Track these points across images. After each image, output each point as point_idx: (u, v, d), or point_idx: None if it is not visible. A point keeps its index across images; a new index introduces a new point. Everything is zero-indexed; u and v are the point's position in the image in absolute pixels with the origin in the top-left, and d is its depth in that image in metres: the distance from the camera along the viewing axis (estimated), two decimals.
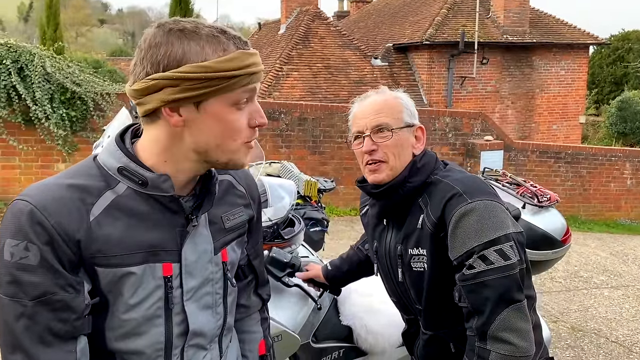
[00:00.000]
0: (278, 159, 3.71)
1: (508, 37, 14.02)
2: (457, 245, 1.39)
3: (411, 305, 1.61)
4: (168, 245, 1.01)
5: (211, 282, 1.09)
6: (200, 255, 1.06)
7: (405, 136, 1.53)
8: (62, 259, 0.92)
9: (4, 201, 6.64)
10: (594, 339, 4.16)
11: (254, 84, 0.98)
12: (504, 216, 1.41)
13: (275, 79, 12.72)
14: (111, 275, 0.96)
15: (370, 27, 17.48)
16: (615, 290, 5.41)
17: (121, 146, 1.01)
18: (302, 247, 2.28)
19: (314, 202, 3.23)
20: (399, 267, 1.55)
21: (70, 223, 0.92)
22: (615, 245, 7.54)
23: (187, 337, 1.05)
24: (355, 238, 6.46)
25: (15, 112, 6.38)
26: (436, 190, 1.47)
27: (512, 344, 1.33)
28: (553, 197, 2.32)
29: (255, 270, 1.28)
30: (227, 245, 1.13)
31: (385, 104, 1.53)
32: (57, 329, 0.92)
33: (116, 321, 0.99)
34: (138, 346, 1.01)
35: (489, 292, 1.34)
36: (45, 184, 0.96)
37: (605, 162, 9.57)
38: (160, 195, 0.99)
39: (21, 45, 6.46)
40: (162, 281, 1.00)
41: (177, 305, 1.03)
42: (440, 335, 1.56)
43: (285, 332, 1.84)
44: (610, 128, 19.39)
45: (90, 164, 1.01)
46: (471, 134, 8.73)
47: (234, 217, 1.15)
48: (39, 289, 0.90)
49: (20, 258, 0.89)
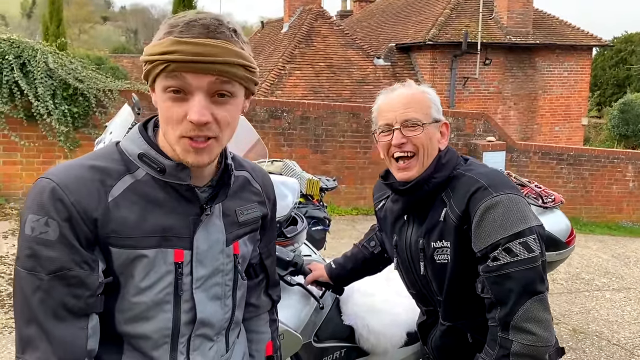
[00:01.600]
0: (280, 158, 3.70)
1: (511, 38, 13.99)
2: (482, 237, 1.41)
3: (432, 296, 1.63)
4: (181, 232, 1.03)
5: (221, 273, 1.11)
6: (212, 244, 1.08)
7: (433, 131, 1.54)
8: (80, 235, 0.95)
9: (5, 197, 6.63)
10: (596, 342, 4.15)
11: (180, 72, 0.94)
12: (527, 209, 1.44)
13: (277, 77, 12.71)
14: (124, 256, 0.99)
15: (373, 26, 17.46)
16: (616, 292, 5.40)
17: (143, 134, 1.05)
18: (304, 246, 2.27)
19: (315, 200, 3.22)
20: (421, 260, 1.56)
21: (89, 202, 0.95)
22: (617, 247, 7.52)
23: (194, 325, 1.07)
24: (356, 237, 6.45)
25: (17, 108, 6.37)
26: (459, 183, 1.49)
27: (535, 334, 1.35)
28: (557, 198, 2.31)
29: (267, 270, 1.29)
30: (240, 239, 1.15)
31: (414, 98, 1.53)
32: (71, 305, 0.94)
33: (126, 304, 1.01)
34: (146, 330, 1.02)
35: (512, 283, 1.37)
36: (70, 164, 1.00)
37: (608, 164, 9.55)
38: (176, 183, 1.02)
39: (24, 41, 6.45)
40: (172, 267, 1.02)
41: (186, 292, 1.04)
42: (459, 326, 1.58)
43: (287, 331, 1.82)
44: (612, 130, 19.36)
45: (113, 149, 1.05)
46: (473, 134, 8.71)
47: (248, 212, 1.17)
48: (55, 264, 0.93)
49: (40, 233, 0.92)
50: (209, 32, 0.94)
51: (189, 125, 0.96)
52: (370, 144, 8.15)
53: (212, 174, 1.09)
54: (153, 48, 0.96)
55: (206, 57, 0.93)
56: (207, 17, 0.96)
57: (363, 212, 8.10)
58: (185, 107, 0.96)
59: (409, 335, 2.03)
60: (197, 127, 0.96)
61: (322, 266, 1.99)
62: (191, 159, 0.99)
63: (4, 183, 6.70)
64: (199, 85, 0.95)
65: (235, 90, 1.00)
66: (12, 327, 3.54)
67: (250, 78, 1.01)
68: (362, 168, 8.21)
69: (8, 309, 3.79)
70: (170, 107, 0.97)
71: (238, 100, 1.02)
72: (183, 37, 0.94)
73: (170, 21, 0.97)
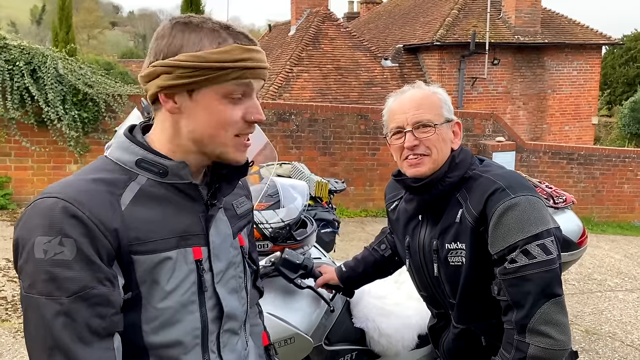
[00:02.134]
0: (289, 160, 3.71)
1: (519, 38, 13.91)
2: (499, 239, 1.39)
3: (444, 299, 1.61)
4: (195, 229, 1.04)
5: (234, 265, 1.13)
6: (223, 238, 1.10)
7: (445, 131, 1.53)
8: (100, 250, 0.91)
9: (16, 202, 6.70)
10: (609, 343, 4.11)
11: (249, 79, 1.00)
12: (545, 211, 1.43)
13: (285, 80, 12.73)
14: (148, 262, 0.97)
15: (380, 28, 17.45)
16: (630, 293, 5.34)
17: (135, 140, 1.04)
18: (314, 249, 2.27)
19: (324, 203, 3.22)
20: (434, 261, 1.55)
21: (105, 213, 0.92)
22: (629, 247, 7.44)
23: (222, 321, 1.08)
24: (365, 239, 6.45)
25: (28, 114, 6.43)
26: (476, 184, 1.48)
27: (552, 337, 1.34)
28: (569, 199, 2.29)
29: (256, 263, 1.32)
30: (241, 231, 1.19)
31: (424, 99, 1.53)
32: (96, 326, 0.90)
33: (152, 312, 0.98)
34: (175, 336, 1.01)
35: (530, 286, 1.36)
36: (70, 180, 0.96)
37: (619, 163, 9.47)
38: (179, 182, 1.03)
39: (34, 47, 6.51)
40: (194, 265, 1.02)
41: (209, 288, 1.05)
42: (472, 329, 1.57)
43: (298, 334, 1.82)
44: (622, 129, 19.20)
45: (105, 161, 1.03)
46: (482, 135, 8.68)
47: (242, 205, 1.21)
48: (76, 284, 0.88)
49: (55, 254, 0.87)
50: (253, 41, 1.02)
51: (245, 125, 1.02)
52: (379, 146, 8.14)
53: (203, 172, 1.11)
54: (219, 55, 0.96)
55: (264, 64, 1.02)
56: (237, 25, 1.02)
57: (372, 213, 8.09)
58: (241, 108, 1.01)
59: (420, 338, 2.02)
60: (252, 126, 1.03)
61: (332, 269, 1.98)
62: (240, 157, 1.05)
63: (15, 188, 6.76)
64: (257, 89, 1.03)
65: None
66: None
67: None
68: (370, 170, 8.20)
69: (21, 314, 3.83)
70: (230, 109, 1.00)
71: None
72: (248, 45, 1.00)
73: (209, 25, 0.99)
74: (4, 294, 4.13)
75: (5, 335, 3.53)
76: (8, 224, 6.02)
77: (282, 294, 1.93)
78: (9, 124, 6.43)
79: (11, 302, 4.01)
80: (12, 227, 5.88)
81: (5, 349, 3.38)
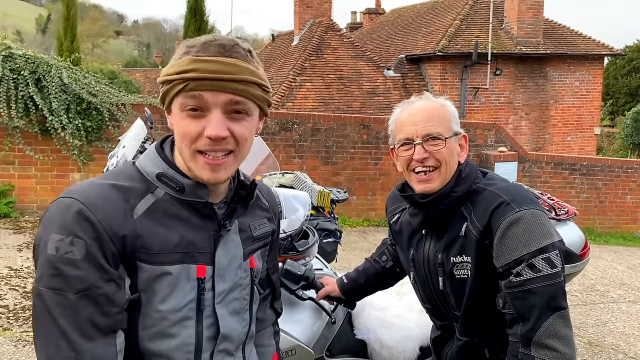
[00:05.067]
0: (291, 169, 3.71)
1: (522, 48, 13.96)
2: (505, 252, 1.40)
3: (448, 312, 1.62)
4: (203, 248, 1.05)
5: (240, 287, 1.12)
6: (231, 260, 1.10)
7: (454, 145, 1.53)
8: (107, 254, 0.94)
9: (19, 210, 6.71)
10: (612, 355, 4.08)
11: (197, 91, 0.96)
12: (549, 225, 1.43)
13: (288, 89, 12.78)
14: (150, 271, 0.99)
15: (383, 38, 17.53)
16: (633, 304, 5.31)
17: (161, 153, 1.06)
18: (315, 260, 2.27)
19: (326, 212, 3.22)
20: (439, 275, 1.55)
21: (116, 220, 0.96)
22: (632, 258, 7.41)
23: (216, 341, 1.08)
24: (367, 249, 6.44)
25: (32, 122, 6.46)
26: (481, 198, 1.48)
27: (557, 351, 1.34)
28: (571, 211, 2.29)
29: (274, 284, 1.31)
30: (254, 253, 1.18)
31: (435, 112, 1.52)
32: (99, 322, 0.94)
33: (149, 320, 1.01)
34: (168, 347, 1.02)
35: (536, 299, 1.36)
36: (91, 183, 1.00)
37: (622, 173, 9.45)
38: (195, 201, 1.04)
39: (39, 56, 6.56)
40: (195, 282, 1.03)
41: (208, 307, 1.06)
42: (476, 341, 1.57)
43: (299, 346, 1.82)
44: (625, 139, 19.18)
45: (131, 168, 1.06)
46: (485, 145, 8.68)
47: (261, 227, 1.20)
48: (83, 283, 0.92)
49: (65, 252, 0.91)
50: (225, 51, 0.97)
51: (206, 141, 0.98)
52: (381, 155, 8.15)
53: (226, 191, 1.11)
54: (171, 69, 0.99)
55: (223, 75, 0.96)
56: (223, 38, 1.00)
57: (374, 223, 8.08)
58: (202, 123, 0.98)
59: (421, 350, 2.01)
60: (215, 142, 0.98)
61: (334, 280, 1.98)
62: (206, 176, 1.01)
63: (18, 197, 6.78)
64: (216, 103, 0.97)
65: (251, 109, 1.02)
66: (26, 341, 3.56)
67: (265, 97, 1.04)
68: (372, 179, 8.20)
69: (22, 322, 3.82)
70: (188, 124, 0.98)
71: (253, 118, 1.04)
72: (200, 56, 0.97)
73: (188, 42, 1.00)
74: (6, 302, 4.13)
75: (7, 344, 3.53)
76: (11, 232, 6.03)
77: (284, 306, 1.92)
78: (13, 132, 6.46)
79: (13, 310, 4.01)
80: (15, 235, 5.89)
81: (7, 358, 3.37)
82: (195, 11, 13.19)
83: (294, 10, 15.34)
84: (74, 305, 0.92)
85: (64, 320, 0.92)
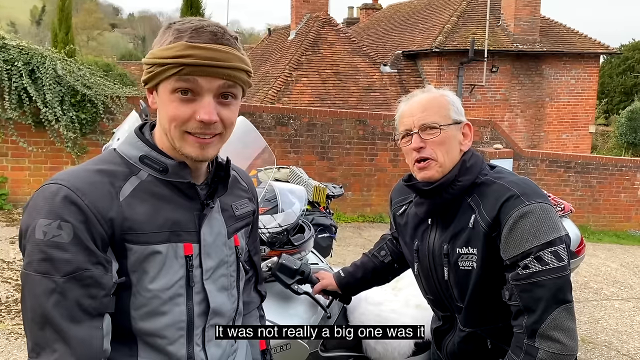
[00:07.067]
0: (287, 164, 3.70)
1: (518, 46, 13.97)
2: (513, 245, 1.41)
3: (451, 303, 1.62)
4: (188, 227, 1.08)
5: (226, 264, 1.16)
6: (215, 237, 1.14)
7: (453, 133, 1.55)
8: (95, 236, 0.97)
9: (12, 202, 6.67)
10: (605, 352, 4.10)
11: (192, 75, 1.00)
12: (557, 219, 1.45)
13: (284, 84, 12.74)
14: (139, 252, 1.02)
15: (379, 34, 17.50)
16: (626, 302, 5.34)
17: (141, 137, 1.10)
18: (311, 254, 2.26)
19: (322, 208, 3.21)
20: (444, 265, 1.56)
21: (103, 203, 0.99)
22: (625, 256, 7.45)
23: (207, 316, 1.11)
24: (362, 244, 6.44)
25: (25, 114, 6.40)
26: (489, 190, 1.50)
27: (561, 343, 1.36)
28: (567, 207, 2.30)
29: (256, 266, 1.36)
30: (238, 232, 1.22)
31: (432, 102, 1.55)
32: (87, 305, 0.96)
33: (140, 299, 1.03)
34: (161, 325, 1.05)
35: (542, 291, 1.38)
36: (76, 169, 1.03)
37: (616, 172, 9.49)
38: (178, 181, 1.07)
39: (33, 47, 6.50)
40: (184, 260, 1.07)
41: (197, 284, 1.09)
42: (478, 332, 1.58)
43: (294, 340, 1.81)
44: (619, 138, 19.27)
45: (113, 154, 1.09)
46: (480, 142, 8.69)
47: (242, 207, 1.25)
48: (71, 265, 0.94)
49: (53, 236, 0.93)
50: (217, 38, 1.01)
51: (197, 124, 1.02)
52: (377, 151, 8.15)
53: (206, 174, 1.16)
54: (164, 52, 1.01)
55: (218, 62, 1.00)
56: (210, 24, 1.03)
57: (369, 219, 8.08)
58: (193, 107, 1.02)
59: (416, 345, 2.01)
60: (205, 126, 1.02)
61: (330, 275, 1.97)
62: (195, 153, 1.05)
63: (11, 189, 6.73)
64: (209, 88, 1.02)
65: (238, 93, 1.08)
66: (18, 334, 3.54)
67: (249, 82, 1.10)
68: (368, 175, 8.19)
69: (14, 315, 3.80)
70: (178, 106, 1.02)
71: (238, 101, 1.10)
72: (195, 42, 1.00)
73: (176, 26, 1.03)
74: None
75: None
76: (3, 225, 5.99)
77: (279, 300, 1.92)
78: (7, 124, 6.41)
79: (5, 303, 3.98)
80: (8, 228, 5.85)
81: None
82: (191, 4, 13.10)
83: (291, 5, 15.27)
84: (62, 288, 0.93)
85: (51, 303, 0.93)
